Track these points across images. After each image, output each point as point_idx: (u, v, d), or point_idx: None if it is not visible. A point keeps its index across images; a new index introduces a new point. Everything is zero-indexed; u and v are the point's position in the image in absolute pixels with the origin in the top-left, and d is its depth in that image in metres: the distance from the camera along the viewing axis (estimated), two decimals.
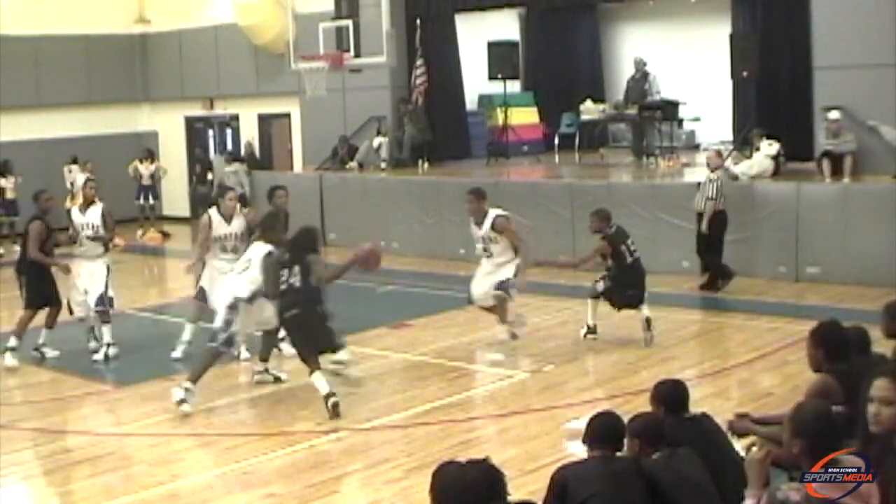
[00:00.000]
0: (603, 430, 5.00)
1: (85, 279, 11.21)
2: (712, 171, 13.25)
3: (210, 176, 21.58)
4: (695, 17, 21.85)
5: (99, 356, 11.13)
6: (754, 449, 5.56)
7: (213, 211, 10.84)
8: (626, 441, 5.15)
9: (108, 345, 11.14)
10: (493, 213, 10.76)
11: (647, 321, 10.72)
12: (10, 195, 20.59)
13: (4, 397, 9.88)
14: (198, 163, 22.24)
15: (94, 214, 11.26)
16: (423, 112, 19.34)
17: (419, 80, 19.44)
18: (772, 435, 5.68)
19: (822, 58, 14.65)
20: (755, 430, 5.91)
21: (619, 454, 5.03)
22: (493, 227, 10.66)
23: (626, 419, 5.27)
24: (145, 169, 21.99)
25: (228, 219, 10.73)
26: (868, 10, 14.13)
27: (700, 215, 13.25)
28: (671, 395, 5.52)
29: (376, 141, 19.36)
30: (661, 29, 22.55)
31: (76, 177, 21.38)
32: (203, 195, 21.44)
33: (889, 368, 5.83)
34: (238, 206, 11.08)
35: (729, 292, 13.25)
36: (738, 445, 5.83)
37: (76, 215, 11.36)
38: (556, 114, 21.38)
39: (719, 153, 13.80)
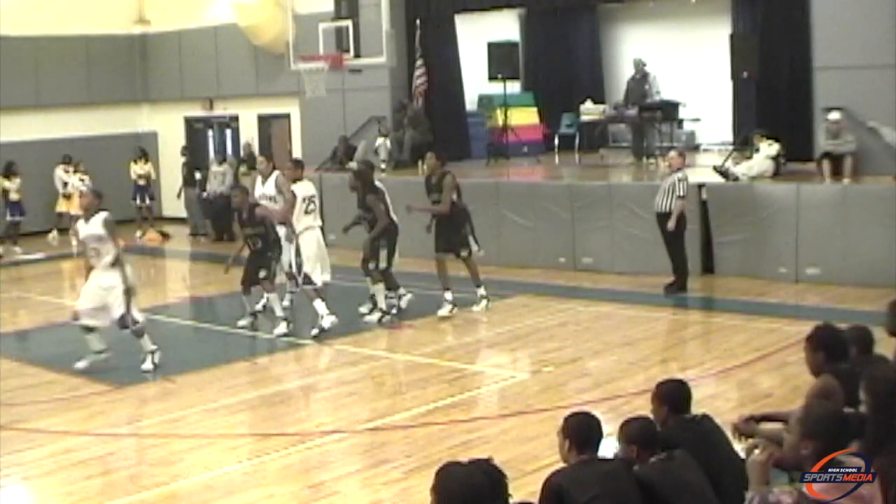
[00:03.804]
0: (584, 435, 4.92)
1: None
2: (676, 172, 13.06)
3: (198, 176, 21.51)
4: (695, 18, 21.83)
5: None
6: (756, 451, 5.55)
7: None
8: (621, 446, 5.13)
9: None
10: None
11: None
12: (14, 196, 20.60)
13: (4, 397, 9.87)
14: (186, 165, 22.13)
15: (96, 224, 10.45)
16: (424, 113, 19.32)
17: (419, 80, 19.42)
18: (773, 435, 5.68)
19: (822, 58, 14.64)
20: (757, 430, 5.90)
21: (604, 456, 5.01)
22: None
23: (625, 419, 5.27)
24: (140, 169, 21.99)
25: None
26: (868, 11, 14.13)
27: (661, 216, 13.07)
28: (674, 394, 5.50)
29: (378, 142, 19.34)
30: (661, 30, 22.53)
31: (71, 178, 21.37)
32: (191, 197, 21.39)
33: (889, 368, 5.84)
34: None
35: (729, 293, 13.25)
36: (740, 447, 5.82)
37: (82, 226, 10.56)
38: (556, 114, 21.37)
39: (680, 153, 13.65)
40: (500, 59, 19.62)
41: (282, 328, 11.87)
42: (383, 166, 19.14)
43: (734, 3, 18.96)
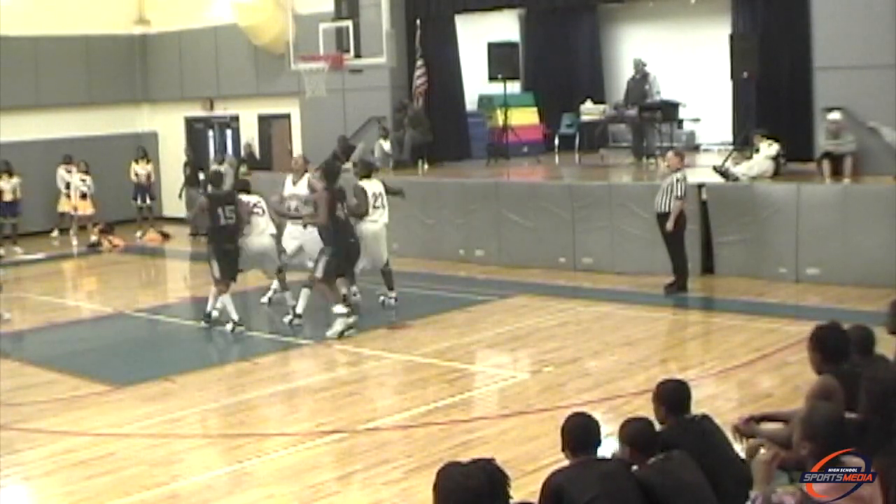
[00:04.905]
0: (581, 436, 4.92)
1: None
2: (675, 172, 13.04)
3: (201, 176, 21.51)
4: (695, 18, 21.82)
5: None
6: (762, 451, 5.54)
7: None
8: (618, 447, 5.13)
9: None
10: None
11: None
12: (7, 197, 20.55)
13: (4, 397, 9.87)
14: (188, 164, 22.14)
15: None
16: (424, 113, 19.31)
17: (419, 80, 19.42)
18: (774, 435, 5.67)
19: (822, 58, 14.64)
20: (758, 431, 5.89)
21: (603, 456, 5.01)
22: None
23: (624, 420, 5.27)
24: (141, 169, 21.97)
25: None
26: (868, 11, 14.12)
27: (661, 216, 13.04)
28: (674, 394, 5.50)
29: (380, 143, 19.33)
30: (660, 30, 22.53)
31: (73, 178, 21.37)
32: (193, 197, 21.36)
33: (888, 369, 5.84)
34: None
35: (729, 293, 13.25)
36: (740, 447, 5.82)
37: None
38: (556, 114, 21.36)
39: (678, 153, 13.61)
40: (500, 59, 19.62)
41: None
42: (378, 164, 19.11)
43: (734, 3, 18.95)
